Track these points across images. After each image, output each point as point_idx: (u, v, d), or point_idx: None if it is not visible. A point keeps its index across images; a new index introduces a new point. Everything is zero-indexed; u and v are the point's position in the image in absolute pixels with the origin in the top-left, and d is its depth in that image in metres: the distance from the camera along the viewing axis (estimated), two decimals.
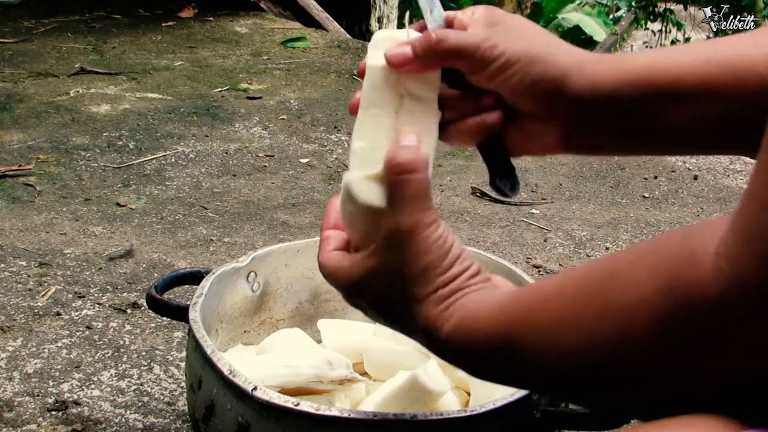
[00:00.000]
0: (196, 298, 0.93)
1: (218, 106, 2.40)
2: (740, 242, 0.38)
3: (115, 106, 2.36)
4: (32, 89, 2.47)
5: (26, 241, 1.57)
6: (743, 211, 0.39)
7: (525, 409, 0.80)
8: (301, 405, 0.77)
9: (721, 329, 0.38)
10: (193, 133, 2.20)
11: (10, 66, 2.69)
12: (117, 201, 1.77)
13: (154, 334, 1.28)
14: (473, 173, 2.01)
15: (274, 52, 2.98)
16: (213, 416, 0.84)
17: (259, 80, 2.65)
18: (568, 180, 2.05)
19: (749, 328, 0.37)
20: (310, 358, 0.91)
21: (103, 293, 1.40)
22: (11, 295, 1.38)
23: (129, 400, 1.13)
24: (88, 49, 2.91)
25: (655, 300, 0.41)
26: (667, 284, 0.40)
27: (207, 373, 0.85)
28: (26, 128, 2.17)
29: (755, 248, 0.37)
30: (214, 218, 1.71)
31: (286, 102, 2.46)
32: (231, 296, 1.02)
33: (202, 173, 1.95)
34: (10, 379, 1.16)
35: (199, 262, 1.52)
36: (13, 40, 2.96)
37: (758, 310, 0.37)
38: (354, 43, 3.14)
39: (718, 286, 0.38)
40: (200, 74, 2.70)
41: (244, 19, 3.34)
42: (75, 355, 1.22)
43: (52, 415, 1.09)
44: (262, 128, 2.26)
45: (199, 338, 0.86)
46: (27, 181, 1.85)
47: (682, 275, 0.40)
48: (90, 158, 2.00)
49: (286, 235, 1.65)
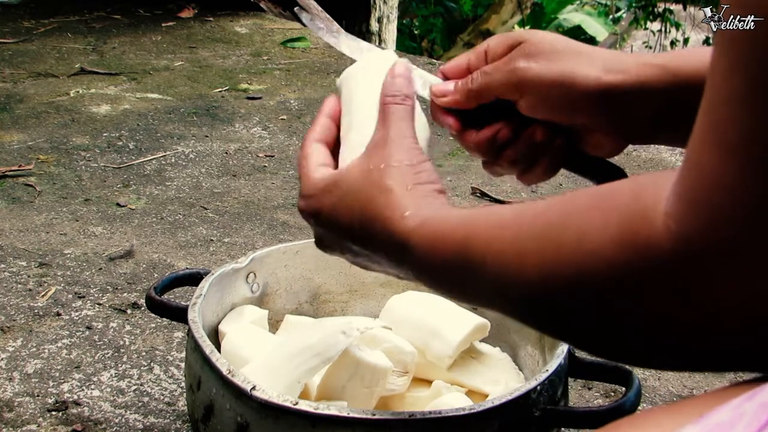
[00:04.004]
0: (195, 299, 0.93)
1: (218, 107, 2.40)
2: (684, 206, 0.41)
3: (115, 106, 2.37)
4: (32, 89, 2.47)
5: (26, 242, 1.57)
6: (684, 178, 0.41)
7: (524, 408, 0.80)
8: (299, 404, 0.77)
9: (672, 282, 0.42)
10: (193, 133, 2.20)
11: (10, 66, 2.69)
12: (117, 201, 1.77)
13: (154, 335, 1.29)
14: (473, 173, 2.01)
15: (274, 52, 2.98)
16: (212, 416, 0.84)
17: (259, 80, 2.65)
18: (568, 180, 2.05)
19: (696, 283, 0.41)
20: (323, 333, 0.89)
21: (103, 293, 1.40)
22: (11, 295, 1.38)
23: (129, 400, 1.13)
24: (88, 49, 2.91)
25: (609, 249, 0.44)
26: (620, 236, 0.43)
27: (206, 373, 0.85)
28: (26, 128, 2.17)
29: (697, 213, 0.40)
30: (214, 218, 1.71)
31: (286, 102, 2.46)
32: (230, 297, 1.02)
33: (202, 173, 1.95)
34: (10, 380, 1.16)
35: (199, 263, 1.52)
36: (13, 40, 2.96)
37: (703, 268, 0.40)
38: None
39: (668, 244, 0.41)
40: (200, 74, 2.70)
41: (244, 19, 3.34)
42: (75, 356, 1.23)
43: (52, 415, 1.09)
44: (262, 128, 2.26)
45: (198, 339, 0.86)
46: (27, 181, 1.85)
47: (636, 230, 0.43)
48: (90, 158, 2.00)
49: (286, 236, 1.65)
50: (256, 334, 0.97)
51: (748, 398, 0.38)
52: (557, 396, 0.85)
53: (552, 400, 0.83)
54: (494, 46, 0.72)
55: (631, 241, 0.43)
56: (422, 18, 6.75)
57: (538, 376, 0.82)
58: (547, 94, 0.68)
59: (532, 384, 0.81)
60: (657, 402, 1.18)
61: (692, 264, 0.40)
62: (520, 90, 0.69)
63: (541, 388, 0.81)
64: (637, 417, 0.45)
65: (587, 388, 1.19)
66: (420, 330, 0.96)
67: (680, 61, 0.66)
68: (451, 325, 0.95)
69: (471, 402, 0.88)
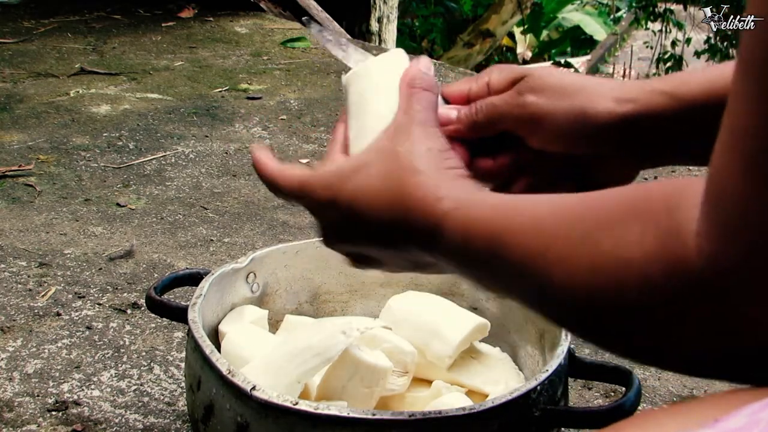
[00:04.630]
0: (195, 299, 0.93)
1: (218, 107, 2.40)
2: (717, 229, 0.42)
3: (115, 106, 2.37)
4: (32, 89, 2.47)
5: (26, 242, 1.57)
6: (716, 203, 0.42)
7: (524, 408, 0.80)
8: (299, 404, 0.77)
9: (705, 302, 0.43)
10: (193, 133, 2.20)
11: (10, 66, 2.69)
12: (117, 201, 1.77)
13: (154, 335, 1.29)
14: None
15: (274, 52, 2.98)
16: (212, 416, 0.84)
17: (259, 80, 2.65)
18: None
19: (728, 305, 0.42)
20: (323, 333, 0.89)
21: (103, 293, 1.40)
22: (11, 295, 1.38)
23: (129, 400, 1.13)
24: (88, 49, 2.91)
25: (644, 264, 0.45)
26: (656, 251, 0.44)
27: (206, 373, 0.85)
28: (26, 128, 2.17)
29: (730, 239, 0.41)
30: (214, 218, 1.71)
31: (286, 102, 2.46)
32: (230, 297, 1.02)
33: (202, 173, 1.95)
34: (10, 380, 1.16)
35: (199, 263, 1.52)
36: (13, 40, 2.96)
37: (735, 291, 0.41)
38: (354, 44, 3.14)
39: (700, 264, 0.42)
40: (200, 74, 2.70)
41: (244, 19, 3.34)
42: (75, 356, 1.23)
43: (52, 415, 1.09)
44: (262, 128, 2.26)
45: (198, 339, 0.86)
46: (27, 181, 1.85)
47: (669, 248, 0.44)
48: (90, 158, 2.00)
49: (286, 236, 1.65)
50: (256, 334, 0.97)
51: (764, 406, 0.38)
52: (557, 396, 0.85)
53: (552, 400, 0.83)
54: (497, 79, 0.72)
55: (665, 257, 0.44)
56: (422, 18, 6.76)
57: (538, 376, 0.82)
58: (560, 129, 0.68)
59: (532, 384, 0.81)
60: (657, 402, 1.18)
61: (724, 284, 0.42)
62: (532, 125, 0.69)
63: (541, 388, 0.81)
64: (638, 418, 0.45)
65: (587, 388, 1.19)
66: (420, 330, 0.96)
67: (684, 87, 0.66)
68: (451, 325, 0.95)
69: (471, 402, 0.88)
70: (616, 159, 0.70)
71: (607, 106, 0.67)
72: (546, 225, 0.53)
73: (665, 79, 0.68)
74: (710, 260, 0.42)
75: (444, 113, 0.72)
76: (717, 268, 0.41)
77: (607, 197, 0.50)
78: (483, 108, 0.71)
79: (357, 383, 0.87)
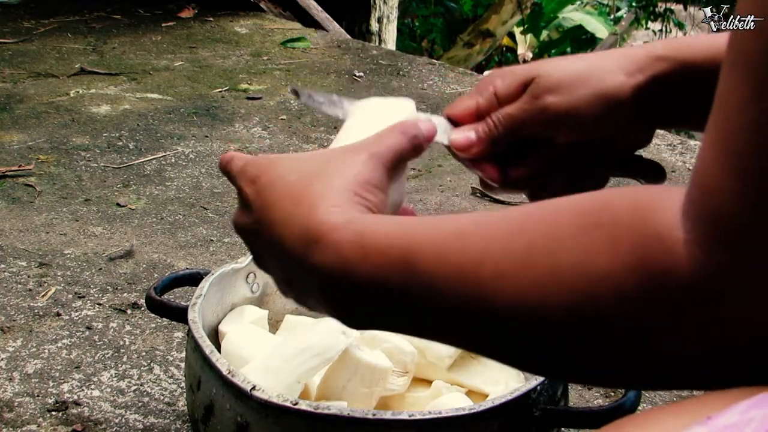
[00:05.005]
0: (195, 299, 0.93)
1: (218, 107, 2.40)
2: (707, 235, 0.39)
3: (115, 106, 2.37)
4: (32, 89, 2.47)
5: (26, 242, 1.57)
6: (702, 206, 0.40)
7: (524, 408, 0.80)
8: (299, 404, 0.77)
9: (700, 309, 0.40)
10: (193, 133, 2.20)
11: (10, 66, 2.69)
12: (117, 201, 1.77)
13: (154, 335, 1.29)
14: (473, 173, 2.01)
15: (274, 52, 2.98)
16: (212, 416, 0.84)
17: (259, 80, 2.65)
18: None
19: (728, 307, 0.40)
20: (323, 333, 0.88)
21: (103, 293, 1.40)
22: (11, 295, 1.38)
23: (129, 400, 1.13)
24: (88, 49, 2.91)
25: (623, 276, 0.41)
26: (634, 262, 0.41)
27: (206, 373, 0.85)
28: (26, 128, 2.17)
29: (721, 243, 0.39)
30: (214, 218, 1.71)
31: (286, 102, 2.46)
32: (230, 297, 1.02)
33: (202, 173, 1.95)
34: (10, 380, 1.16)
35: (199, 263, 1.52)
36: (13, 40, 2.96)
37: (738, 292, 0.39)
38: (354, 44, 3.14)
39: (694, 274, 0.39)
40: (200, 74, 2.70)
41: (244, 19, 3.34)
42: (75, 356, 1.23)
43: (52, 415, 1.09)
44: (262, 128, 2.26)
45: (198, 339, 0.86)
46: (27, 181, 1.85)
47: (653, 258, 0.41)
48: (90, 158, 2.00)
49: None
50: (256, 334, 0.97)
51: (755, 403, 0.38)
52: (557, 396, 0.85)
53: (552, 400, 0.83)
54: (504, 86, 0.70)
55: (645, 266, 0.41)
56: (422, 18, 6.75)
57: (538, 376, 0.82)
58: (585, 119, 0.68)
59: (532, 384, 0.81)
60: (657, 402, 1.18)
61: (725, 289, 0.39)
62: (557, 124, 0.68)
63: (541, 388, 0.81)
64: (639, 416, 0.45)
65: (587, 388, 1.19)
66: None
67: (688, 50, 0.67)
68: None
69: (471, 402, 0.88)
70: (634, 129, 0.71)
71: (619, 80, 0.67)
72: (476, 238, 0.46)
73: (669, 43, 0.69)
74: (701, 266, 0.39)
75: (462, 138, 0.69)
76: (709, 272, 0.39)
77: (551, 208, 0.46)
78: (501, 120, 0.69)
79: (357, 383, 0.87)
